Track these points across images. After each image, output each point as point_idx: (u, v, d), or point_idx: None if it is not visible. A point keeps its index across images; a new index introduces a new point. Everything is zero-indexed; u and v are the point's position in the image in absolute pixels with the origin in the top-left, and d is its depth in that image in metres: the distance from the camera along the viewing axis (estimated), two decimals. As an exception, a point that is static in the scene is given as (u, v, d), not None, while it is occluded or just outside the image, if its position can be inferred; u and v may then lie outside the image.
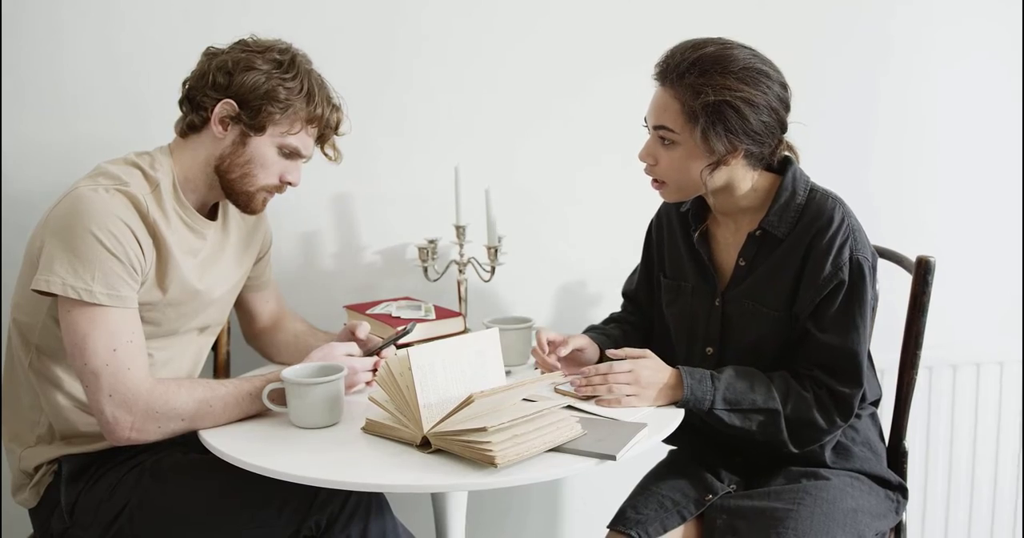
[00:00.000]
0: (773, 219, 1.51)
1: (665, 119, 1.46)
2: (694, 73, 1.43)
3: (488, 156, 2.04)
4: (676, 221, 1.67)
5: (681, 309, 1.64)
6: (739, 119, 1.42)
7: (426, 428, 1.29)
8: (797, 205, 1.51)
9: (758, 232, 1.53)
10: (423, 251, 1.98)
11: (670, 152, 1.48)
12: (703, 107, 1.41)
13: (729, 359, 1.56)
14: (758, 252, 1.54)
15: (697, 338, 1.61)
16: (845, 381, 1.47)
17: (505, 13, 2.02)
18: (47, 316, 1.44)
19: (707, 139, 1.43)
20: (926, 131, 2.27)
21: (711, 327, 1.59)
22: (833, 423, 1.47)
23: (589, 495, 2.27)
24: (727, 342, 1.57)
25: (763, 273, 1.53)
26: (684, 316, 1.63)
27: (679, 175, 1.49)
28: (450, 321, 1.83)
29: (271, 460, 1.28)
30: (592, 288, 2.18)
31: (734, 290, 1.56)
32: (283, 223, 1.86)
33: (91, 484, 1.47)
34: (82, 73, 1.79)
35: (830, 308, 1.47)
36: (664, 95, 1.46)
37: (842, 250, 1.46)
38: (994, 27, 2.27)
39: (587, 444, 1.29)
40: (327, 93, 1.54)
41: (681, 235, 1.66)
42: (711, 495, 1.50)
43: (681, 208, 1.65)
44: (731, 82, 1.42)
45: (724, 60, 1.43)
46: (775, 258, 1.52)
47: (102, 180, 1.42)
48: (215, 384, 1.44)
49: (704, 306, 1.60)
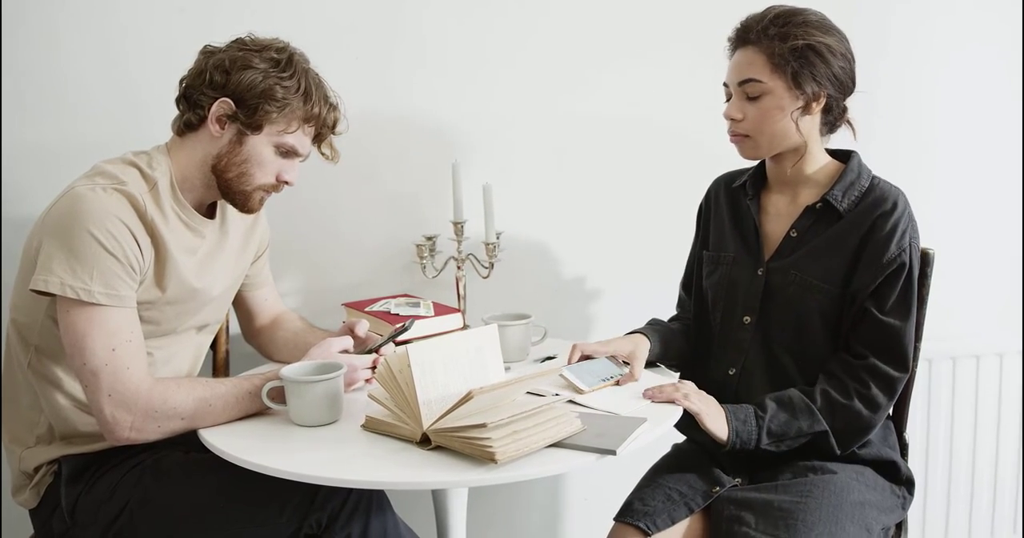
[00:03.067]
0: (837, 193, 1.56)
1: (752, 72, 1.53)
2: (777, 25, 1.52)
3: (486, 153, 2.04)
4: (724, 197, 1.73)
5: (719, 279, 1.67)
6: (823, 62, 1.51)
7: (426, 425, 1.29)
8: (862, 186, 1.56)
9: (819, 205, 1.57)
10: (421, 248, 1.98)
11: (758, 104, 1.54)
12: (791, 51, 1.50)
13: (770, 330, 1.59)
14: (812, 225, 1.58)
15: (736, 305, 1.64)
16: (896, 364, 1.50)
17: (505, 10, 2.02)
18: (46, 316, 1.44)
19: (797, 80, 1.51)
20: (925, 123, 2.27)
21: (751, 296, 1.61)
22: (878, 408, 1.50)
23: (590, 490, 2.27)
24: (767, 312, 1.60)
25: (816, 246, 1.56)
26: (722, 285, 1.67)
27: (767, 124, 1.54)
28: (449, 318, 1.83)
29: (271, 458, 1.28)
30: (590, 284, 2.18)
31: (779, 260, 1.59)
32: (281, 221, 1.86)
33: (91, 484, 1.47)
34: (80, 72, 1.78)
35: (891, 290, 1.50)
36: (747, 53, 1.54)
37: (905, 234, 1.51)
38: (992, 19, 2.27)
39: (587, 439, 1.29)
40: (324, 92, 1.53)
41: (728, 207, 1.71)
42: (718, 487, 1.50)
43: (735, 183, 1.71)
44: (812, 30, 1.52)
45: (801, 12, 1.54)
46: (832, 233, 1.55)
47: (99, 179, 1.42)
48: (214, 383, 1.44)
49: (746, 275, 1.63)
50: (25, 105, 1.76)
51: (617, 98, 2.10)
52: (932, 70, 2.25)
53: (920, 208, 2.28)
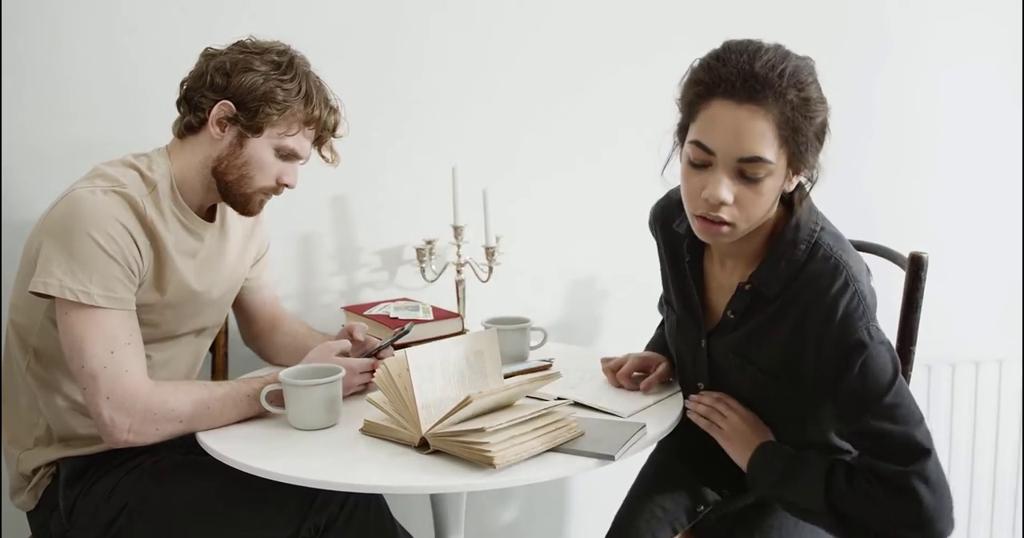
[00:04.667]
0: (763, 275, 1.31)
1: (760, 148, 1.18)
2: (795, 85, 1.18)
3: (486, 156, 2.04)
4: (662, 239, 1.50)
5: (670, 335, 1.53)
6: (825, 136, 1.24)
7: (424, 429, 1.29)
8: (797, 259, 1.27)
9: (747, 286, 1.33)
10: (421, 252, 1.98)
11: (756, 188, 1.21)
12: (820, 126, 1.21)
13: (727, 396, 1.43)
14: (748, 308, 1.34)
15: (686, 367, 1.49)
16: (901, 460, 1.25)
17: (504, 14, 2.02)
18: (44, 318, 1.44)
19: (801, 160, 1.21)
20: (924, 127, 2.28)
21: (698, 365, 1.45)
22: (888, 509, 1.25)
23: (588, 495, 2.27)
24: (719, 383, 1.44)
25: (755, 331, 1.34)
26: (673, 345, 1.52)
27: (760, 210, 1.24)
28: (448, 322, 1.82)
29: (269, 462, 1.28)
30: (590, 288, 2.18)
31: (721, 338, 1.39)
32: (280, 224, 1.86)
33: (89, 486, 1.47)
34: (81, 74, 1.78)
35: (852, 385, 1.22)
36: (755, 118, 1.17)
37: (847, 328, 1.22)
38: (992, 23, 2.27)
39: (585, 444, 1.29)
40: (325, 95, 1.54)
41: (668, 255, 1.49)
42: (703, 506, 1.47)
43: (673, 224, 1.46)
44: (818, 92, 1.22)
45: (806, 67, 1.21)
46: (769, 317, 1.31)
47: (99, 182, 1.42)
48: (213, 386, 1.44)
49: (691, 341, 1.44)
50: (25, 107, 1.76)
51: (617, 100, 2.10)
52: (931, 75, 2.26)
53: (920, 213, 2.30)
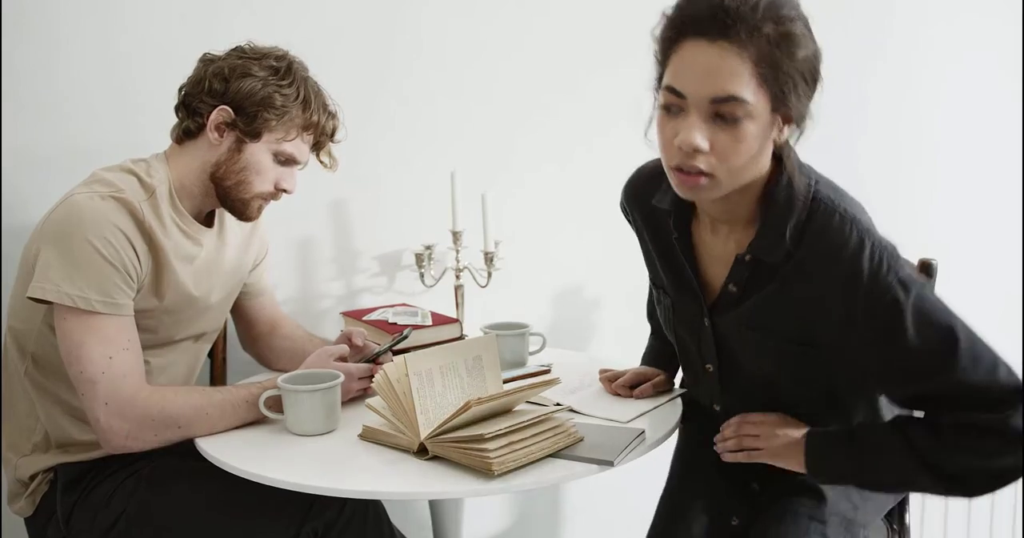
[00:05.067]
0: (762, 242, 1.20)
1: (733, 86, 1.08)
2: (773, 17, 1.08)
3: (484, 162, 2.04)
4: (640, 217, 1.38)
5: (666, 321, 1.41)
6: (816, 77, 1.13)
7: (423, 435, 1.29)
8: (796, 220, 1.18)
9: (747, 257, 1.23)
10: (419, 257, 1.98)
11: (734, 132, 1.11)
12: (805, 65, 1.10)
13: (739, 380, 1.34)
14: (751, 278, 1.23)
15: (691, 355, 1.39)
16: (991, 407, 1.15)
17: (502, 19, 2.02)
18: (43, 324, 1.44)
19: (785, 100, 1.10)
20: (924, 130, 2.28)
21: (704, 347, 1.33)
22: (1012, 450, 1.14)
23: (587, 500, 2.26)
24: (728, 366, 1.34)
25: (764, 303, 1.23)
26: (671, 330, 1.41)
27: (741, 158, 1.13)
28: (447, 327, 1.82)
29: (267, 467, 1.27)
30: (589, 293, 2.18)
31: (725, 314, 1.28)
32: (279, 229, 1.86)
33: (87, 492, 1.46)
34: (80, 79, 1.78)
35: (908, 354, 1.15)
36: (726, 55, 1.07)
37: (880, 269, 1.14)
38: (992, 23, 2.26)
39: (584, 450, 1.29)
40: (323, 100, 1.54)
41: (650, 233, 1.36)
42: (736, 518, 1.38)
43: (652, 200, 1.34)
44: (805, 28, 1.11)
45: (788, 2, 1.11)
46: (778, 288, 1.21)
47: (98, 187, 1.42)
48: (211, 391, 1.44)
49: (691, 323, 1.34)
50: (24, 112, 1.76)
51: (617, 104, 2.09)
52: (932, 75, 2.25)
53: (920, 215, 2.30)
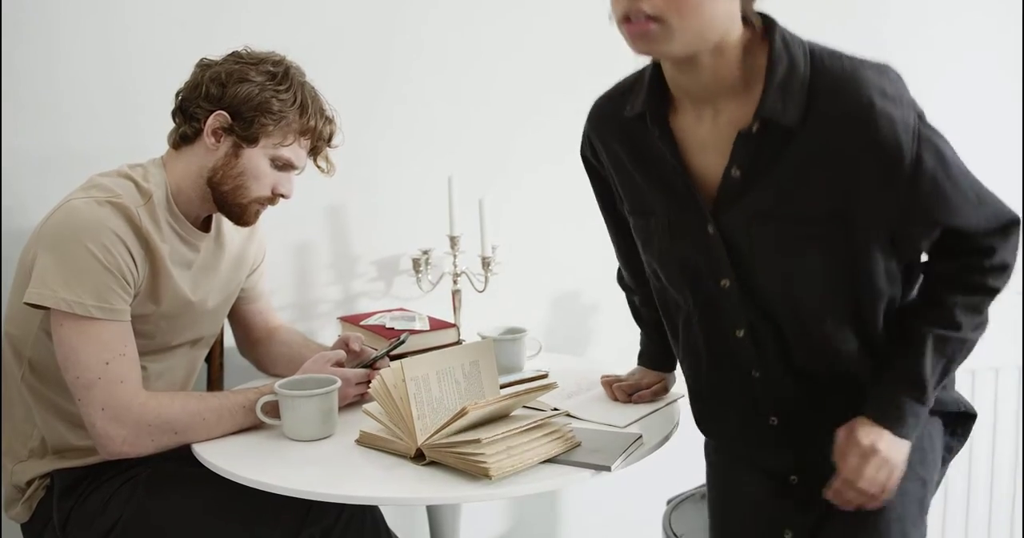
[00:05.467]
0: (775, 105, 1.08)
1: None
2: None
3: (482, 166, 2.04)
4: (614, 140, 1.25)
5: (660, 252, 1.25)
6: None
7: (420, 440, 1.28)
8: (803, 77, 1.08)
9: (755, 127, 1.10)
10: (417, 262, 1.98)
11: None
12: None
13: (758, 291, 1.18)
14: (758, 155, 1.11)
15: (701, 277, 1.21)
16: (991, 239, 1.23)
17: (499, 24, 2.02)
18: (40, 329, 1.44)
19: None
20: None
21: (715, 261, 1.18)
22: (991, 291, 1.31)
23: (585, 505, 2.26)
24: (746, 274, 1.17)
25: (776, 182, 1.11)
26: (668, 261, 1.24)
27: (691, 3, 1.04)
28: (444, 332, 1.82)
29: (264, 473, 1.27)
30: (586, 298, 2.18)
31: (730, 210, 1.15)
32: (276, 234, 1.86)
33: (83, 498, 1.46)
34: (78, 84, 1.78)
35: (926, 198, 1.12)
36: None
37: (901, 123, 1.10)
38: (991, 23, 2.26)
39: (582, 455, 1.29)
40: (320, 105, 1.54)
41: (627, 151, 1.24)
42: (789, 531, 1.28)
43: (624, 112, 1.23)
44: None
45: None
46: (792, 159, 1.10)
47: (95, 192, 1.42)
48: (208, 397, 1.44)
49: (694, 239, 1.19)
50: (22, 117, 1.76)
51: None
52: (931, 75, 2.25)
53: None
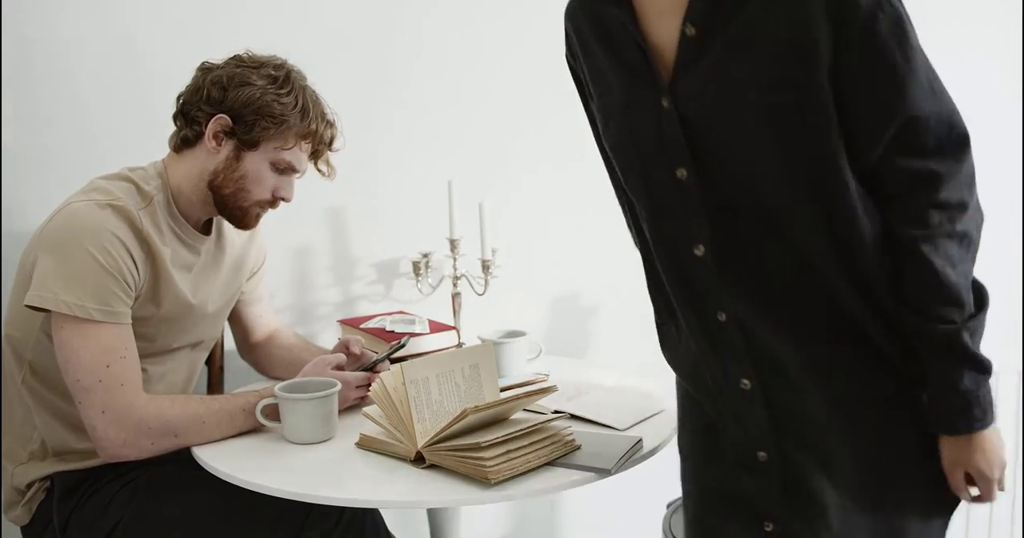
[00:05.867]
0: None
1: None
2: None
3: (482, 170, 2.04)
4: (586, 25, 1.19)
5: (618, 132, 1.15)
6: None
7: (420, 443, 1.29)
8: None
9: None
10: (417, 265, 1.98)
11: None
12: None
13: (719, 183, 1.06)
14: (715, 11, 1.03)
15: (654, 164, 1.10)
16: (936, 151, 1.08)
17: (499, 27, 2.03)
18: (40, 332, 1.44)
19: None
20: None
21: (669, 144, 1.07)
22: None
23: (585, 509, 2.26)
24: (703, 160, 1.06)
25: (732, 40, 1.03)
26: (624, 142, 1.14)
27: None
28: (444, 335, 1.82)
29: (264, 476, 1.27)
30: (586, 301, 2.18)
31: (685, 77, 1.06)
32: (277, 237, 1.86)
33: (84, 501, 1.46)
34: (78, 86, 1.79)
35: (877, 68, 1.02)
36: None
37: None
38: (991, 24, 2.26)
39: (582, 458, 1.29)
40: (321, 109, 1.54)
41: (595, 34, 1.17)
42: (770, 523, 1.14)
43: None
44: None
45: None
46: (751, 15, 1.02)
47: (95, 195, 1.42)
48: (208, 400, 1.44)
49: (648, 117, 1.09)
50: (22, 118, 1.76)
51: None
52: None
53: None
